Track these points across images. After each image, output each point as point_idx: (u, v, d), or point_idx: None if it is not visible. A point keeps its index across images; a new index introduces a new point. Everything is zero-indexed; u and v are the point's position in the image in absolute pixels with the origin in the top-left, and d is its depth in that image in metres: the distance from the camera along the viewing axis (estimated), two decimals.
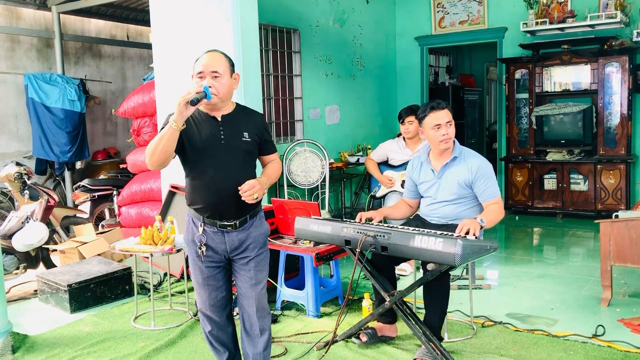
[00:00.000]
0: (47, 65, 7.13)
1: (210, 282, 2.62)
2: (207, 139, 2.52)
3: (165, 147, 2.38)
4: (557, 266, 5.14)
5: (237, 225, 2.57)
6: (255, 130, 2.62)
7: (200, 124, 2.54)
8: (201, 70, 2.51)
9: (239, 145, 2.56)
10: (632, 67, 6.69)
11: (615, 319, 3.76)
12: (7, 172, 5.00)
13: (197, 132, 2.52)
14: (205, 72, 2.49)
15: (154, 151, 2.41)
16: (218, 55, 2.55)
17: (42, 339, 3.68)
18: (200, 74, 2.51)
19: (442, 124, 3.36)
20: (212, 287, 2.62)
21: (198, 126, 2.53)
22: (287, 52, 6.84)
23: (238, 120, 2.60)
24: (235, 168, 2.54)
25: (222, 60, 2.54)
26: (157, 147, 2.39)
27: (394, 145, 5.06)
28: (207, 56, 2.54)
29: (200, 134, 2.52)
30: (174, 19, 4.96)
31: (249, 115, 2.67)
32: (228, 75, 2.54)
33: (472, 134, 10.23)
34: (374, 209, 4.50)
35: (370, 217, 3.36)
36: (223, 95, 2.52)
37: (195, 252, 2.61)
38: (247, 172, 2.58)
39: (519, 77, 7.45)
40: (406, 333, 3.55)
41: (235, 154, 2.55)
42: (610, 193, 6.80)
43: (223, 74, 2.51)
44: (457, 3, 8.15)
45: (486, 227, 3.16)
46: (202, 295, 2.65)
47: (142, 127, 5.80)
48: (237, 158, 2.55)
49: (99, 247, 4.98)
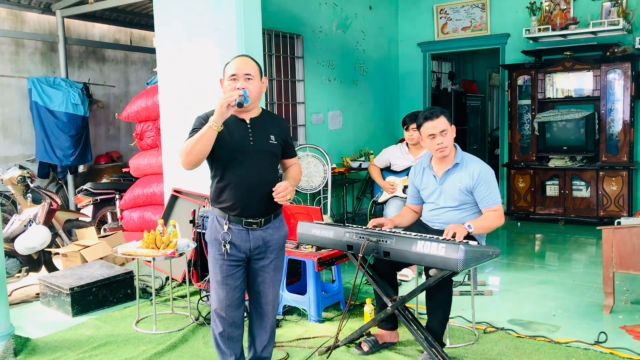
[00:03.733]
0: (51, 69, 7.16)
1: (229, 281, 2.69)
2: (237, 140, 2.62)
3: (203, 146, 2.49)
4: (559, 272, 5.13)
5: (262, 223, 2.68)
6: (281, 134, 2.75)
7: (230, 126, 2.62)
8: (234, 73, 2.61)
9: (266, 147, 2.68)
10: (634, 74, 6.70)
11: (618, 325, 3.75)
12: (11, 175, 5.01)
13: (228, 134, 2.61)
14: (239, 75, 2.60)
15: (191, 150, 2.50)
16: (249, 59, 2.68)
17: (44, 342, 3.68)
18: (233, 76, 2.61)
19: (436, 134, 3.36)
20: (230, 286, 2.70)
21: (229, 128, 2.61)
22: (290, 57, 6.86)
23: (265, 123, 2.71)
24: (262, 169, 2.66)
25: (252, 64, 2.66)
26: (194, 147, 2.49)
27: (397, 151, 5.06)
28: (239, 60, 2.66)
29: (230, 136, 2.61)
30: (177, 24, 4.98)
31: (274, 120, 2.80)
32: (258, 78, 2.66)
33: (474, 140, 10.24)
34: (376, 215, 4.51)
35: (382, 224, 3.36)
36: (254, 97, 2.64)
37: (218, 250, 2.69)
38: (272, 173, 2.71)
39: (522, 84, 7.46)
40: (408, 339, 3.55)
41: (262, 156, 2.67)
42: (612, 200, 6.80)
43: (255, 77, 2.63)
44: (459, 9, 8.18)
45: (475, 233, 3.18)
46: (219, 294, 2.72)
47: (145, 131, 5.81)
48: (264, 160, 2.68)
49: (101, 251, 4.99)
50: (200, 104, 4.77)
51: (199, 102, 4.81)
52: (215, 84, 4.81)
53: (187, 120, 4.83)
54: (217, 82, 2.80)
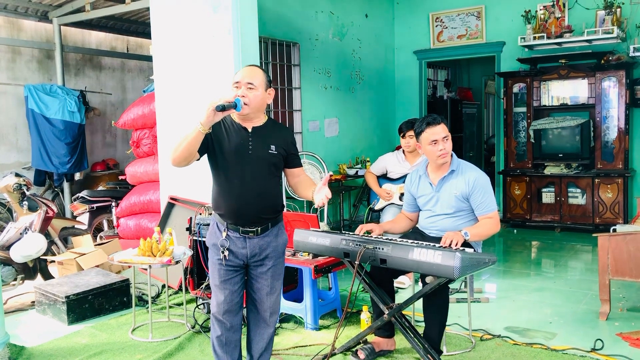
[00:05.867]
0: (47, 77, 7.16)
1: (227, 285, 2.72)
2: (235, 147, 2.65)
3: (188, 146, 2.51)
4: (556, 280, 5.14)
5: (258, 231, 2.70)
6: (283, 144, 2.76)
7: (231, 133, 2.67)
8: (238, 81, 2.66)
9: (265, 156, 2.69)
10: (629, 82, 6.74)
11: (614, 332, 3.76)
12: (6, 183, 5.00)
13: (227, 141, 2.65)
14: (242, 83, 2.64)
15: (177, 148, 2.55)
16: (256, 69, 2.73)
17: (39, 350, 3.66)
18: (236, 83, 2.65)
19: (438, 140, 3.38)
20: (228, 290, 2.72)
21: (229, 135, 2.66)
22: (286, 65, 6.88)
23: (267, 132, 2.73)
24: (260, 178, 2.68)
25: (259, 74, 2.69)
26: (180, 145, 2.53)
27: (393, 159, 5.07)
28: (246, 69, 2.72)
29: (229, 143, 2.65)
30: (174, 32, 4.99)
31: (278, 129, 2.81)
32: (263, 88, 2.68)
33: (470, 148, 10.27)
34: (373, 222, 4.51)
35: (370, 230, 3.37)
36: (254, 106, 2.65)
37: (217, 255, 2.72)
38: (271, 182, 2.72)
39: (517, 91, 7.50)
40: (405, 346, 3.54)
41: (261, 165, 2.68)
42: (608, 207, 6.82)
43: (258, 87, 2.65)
44: (455, 17, 8.22)
45: (472, 240, 3.19)
46: (218, 298, 2.74)
47: (141, 138, 5.81)
48: (263, 169, 2.69)
49: (97, 259, 4.98)
50: (197, 111, 4.79)
51: (196, 110, 4.82)
52: (211, 92, 4.84)
53: (183, 128, 4.85)
54: (214, 89, 2.82)
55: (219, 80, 4.62)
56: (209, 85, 4.74)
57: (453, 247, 2.92)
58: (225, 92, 2.66)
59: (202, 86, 4.78)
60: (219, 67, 4.66)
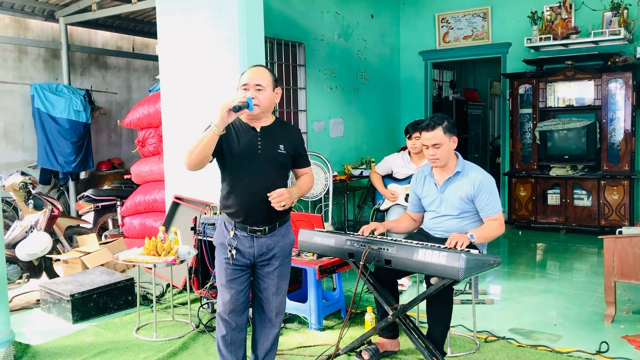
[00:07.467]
0: (53, 76, 7.19)
1: (233, 284, 2.72)
2: (244, 147, 2.67)
3: (204, 148, 2.54)
4: (561, 282, 5.12)
5: (266, 231, 2.71)
6: (292, 143, 2.77)
7: (240, 133, 2.68)
8: (246, 83, 2.67)
9: (274, 156, 2.71)
10: (635, 84, 6.71)
11: (619, 335, 3.74)
12: (12, 182, 5.02)
13: (236, 141, 2.67)
14: (250, 84, 2.66)
15: (192, 151, 2.56)
16: (263, 70, 2.74)
17: (44, 349, 3.67)
18: (244, 85, 2.67)
19: (429, 145, 3.38)
20: (235, 290, 2.73)
21: (238, 135, 2.68)
22: (292, 65, 6.88)
23: (276, 132, 2.74)
24: (269, 177, 2.69)
25: (266, 74, 2.70)
26: (196, 148, 2.55)
27: (399, 159, 5.07)
28: (253, 70, 2.72)
29: (239, 143, 2.67)
30: (180, 31, 5.00)
31: (287, 129, 2.83)
32: (270, 89, 2.70)
33: (475, 149, 10.25)
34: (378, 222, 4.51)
35: (374, 229, 3.36)
36: (264, 107, 2.68)
37: (224, 255, 2.73)
38: (279, 182, 2.72)
39: (523, 92, 7.47)
40: (409, 347, 3.54)
41: (269, 164, 2.70)
42: (613, 209, 6.79)
43: (266, 88, 2.67)
44: (461, 18, 8.21)
45: (477, 242, 3.18)
46: (224, 297, 2.75)
47: (147, 138, 5.83)
48: (271, 168, 2.71)
49: (102, 258, 4.99)
50: (203, 111, 4.80)
51: (202, 110, 4.83)
52: (217, 92, 4.84)
53: (189, 128, 4.86)
54: (219, 90, 2.82)
55: (225, 80, 4.63)
56: (214, 85, 4.75)
57: (458, 249, 2.91)
58: (236, 96, 2.67)
59: (208, 86, 4.79)
60: (225, 67, 4.66)
